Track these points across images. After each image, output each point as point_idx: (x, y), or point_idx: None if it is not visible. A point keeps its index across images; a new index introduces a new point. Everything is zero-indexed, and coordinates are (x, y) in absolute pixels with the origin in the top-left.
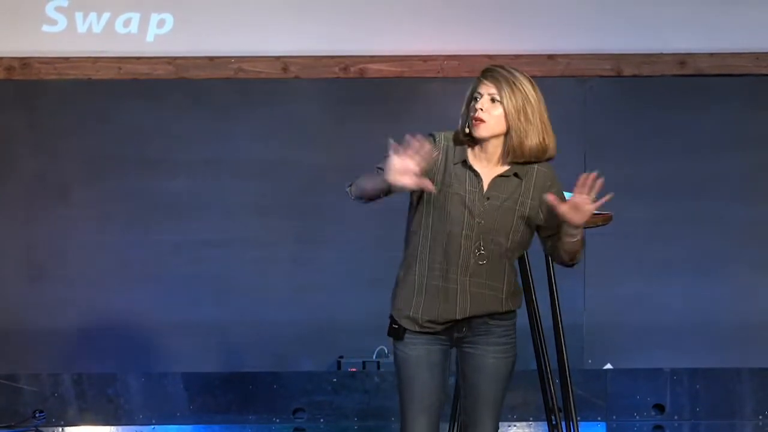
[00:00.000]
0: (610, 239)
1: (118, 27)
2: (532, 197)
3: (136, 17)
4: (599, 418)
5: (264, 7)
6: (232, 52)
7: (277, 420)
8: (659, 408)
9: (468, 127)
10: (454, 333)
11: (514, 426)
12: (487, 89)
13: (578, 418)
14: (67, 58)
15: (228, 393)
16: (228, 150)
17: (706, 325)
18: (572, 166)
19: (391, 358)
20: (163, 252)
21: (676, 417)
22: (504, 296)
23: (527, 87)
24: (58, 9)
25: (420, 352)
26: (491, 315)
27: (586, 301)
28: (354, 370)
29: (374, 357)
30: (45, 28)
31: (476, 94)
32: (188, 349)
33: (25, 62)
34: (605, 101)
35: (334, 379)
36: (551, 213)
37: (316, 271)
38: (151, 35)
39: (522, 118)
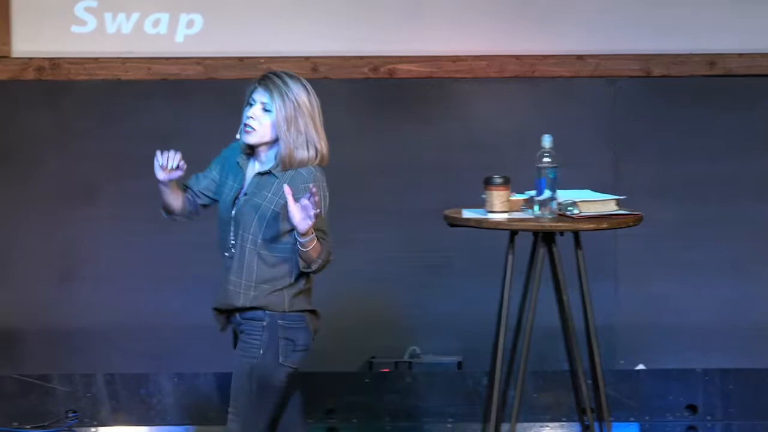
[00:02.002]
0: (640, 240)
1: (148, 27)
2: (282, 196)
3: (165, 18)
4: (632, 419)
5: (294, 8)
6: (261, 53)
7: (310, 420)
8: (692, 408)
9: (240, 132)
10: (235, 330)
11: (547, 427)
12: (260, 97)
13: (611, 419)
14: (96, 59)
15: None
16: None
17: (738, 326)
18: (601, 167)
19: (424, 358)
20: (192, 252)
21: (708, 417)
22: (242, 291)
23: (301, 97)
24: (88, 9)
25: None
26: (239, 312)
27: (617, 302)
28: (386, 370)
29: (406, 357)
30: (74, 28)
31: (251, 100)
32: (220, 349)
33: (54, 63)
34: (634, 102)
35: (367, 380)
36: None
37: (346, 272)
38: (181, 36)
39: (292, 129)
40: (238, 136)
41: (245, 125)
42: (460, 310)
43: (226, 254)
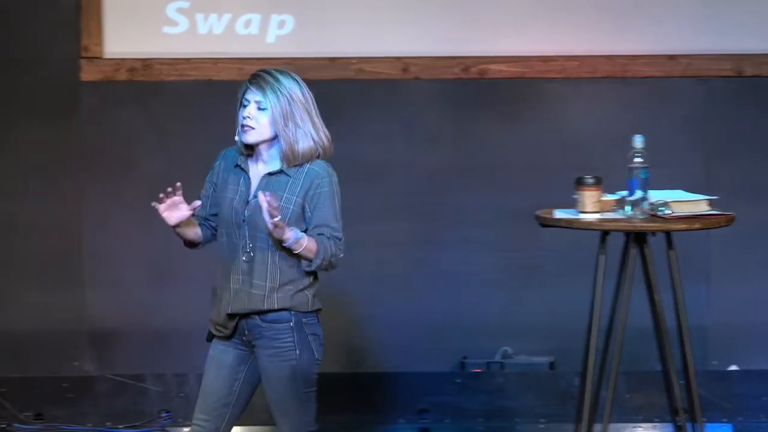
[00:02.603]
0: (733, 240)
1: (239, 28)
2: (298, 195)
3: (256, 18)
4: (724, 420)
5: (385, 8)
6: (352, 53)
7: (402, 420)
8: None
9: (238, 134)
10: (243, 336)
11: (639, 427)
12: (254, 96)
13: (703, 420)
14: (187, 59)
15: (352, 393)
16: (347, 151)
17: None
18: (693, 167)
19: (516, 358)
20: None
21: None
22: (266, 294)
23: (294, 91)
24: (179, 10)
25: (215, 352)
26: (260, 315)
27: (710, 302)
28: (478, 370)
29: (498, 358)
30: (166, 29)
31: (244, 101)
32: None
33: (146, 63)
34: (726, 102)
35: (458, 380)
36: (314, 211)
37: (437, 273)
38: (272, 36)
39: (290, 124)
40: (236, 138)
41: (242, 126)
42: (552, 311)
43: (244, 258)
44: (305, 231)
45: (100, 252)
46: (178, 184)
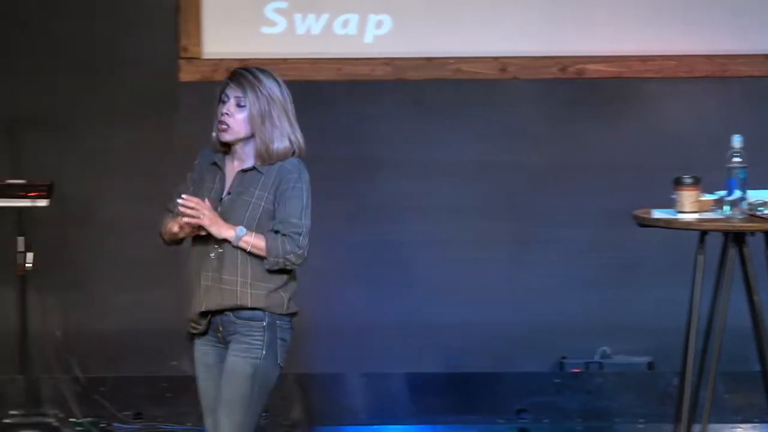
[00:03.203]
0: None
1: (337, 28)
2: (269, 191)
3: (354, 18)
4: None
5: (482, 8)
6: (450, 53)
7: (501, 420)
8: None
9: (215, 130)
10: (217, 333)
11: (739, 428)
12: (233, 93)
13: None
14: (285, 60)
15: (450, 393)
16: (445, 151)
17: None
18: None
19: (614, 358)
20: (379, 252)
21: None
22: (238, 289)
23: (273, 90)
24: (278, 11)
25: (199, 354)
26: (234, 312)
27: None
28: (577, 370)
29: (597, 358)
30: (264, 29)
31: (224, 97)
32: (409, 349)
33: (244, 63)
34: None
35: (557, 380)
36: (280, 206)
37: (533, 272)
38: (370, 36)
39: (267, 123)
40: (213, 134)
41: (219, 122)
42: (651, 311)
43: (212, 255)
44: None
45: None
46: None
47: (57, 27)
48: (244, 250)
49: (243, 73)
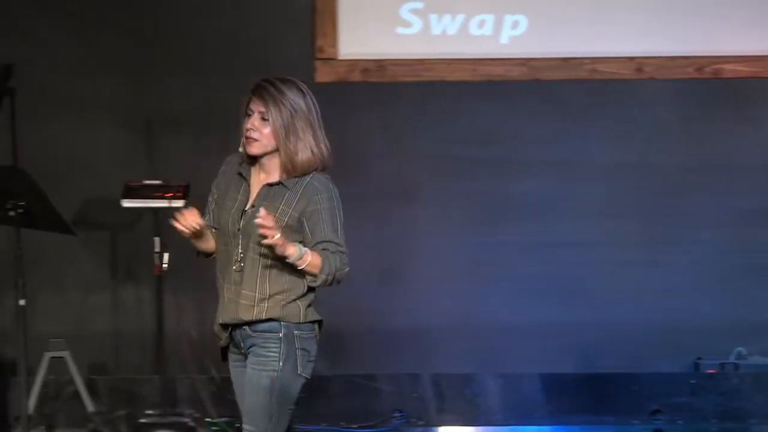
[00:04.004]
0: None
1: (473, 29)
2: (295, 209)
3: (490, 19)
4: None
5: (618, 8)
6: (585, 53)
7: (635, 421)
8: None
9: (242, 144)
10: (240, 348)
11: None
12: (257, 107)
13: None
14: (421, 60)
15: (584, 394)
16: (580, 151)
17: None
18: None
19: (750, 359)
20: (513, 253)
21: None
22: (255, 304)
23: (297, 103)
24: (413, 11)
25: (234, 372)
26: (250, 325)
27: None
28: (712, 371)
29: (732, 358)
30: (400, 30)
31: (248, 111)
32: (543, 349)
33: (380, 64)
34: None
35: (692, 381)
36: (313, 228)
37: (669, 273)
38: (506, 37)
39: (291, 137)
40: (240, 149)
41: (246, 138)
42: None
43: (234, 268)
44: (302, 244)
45: None
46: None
47: (197, 29)
48: (294, 267)
49: (265, 86)
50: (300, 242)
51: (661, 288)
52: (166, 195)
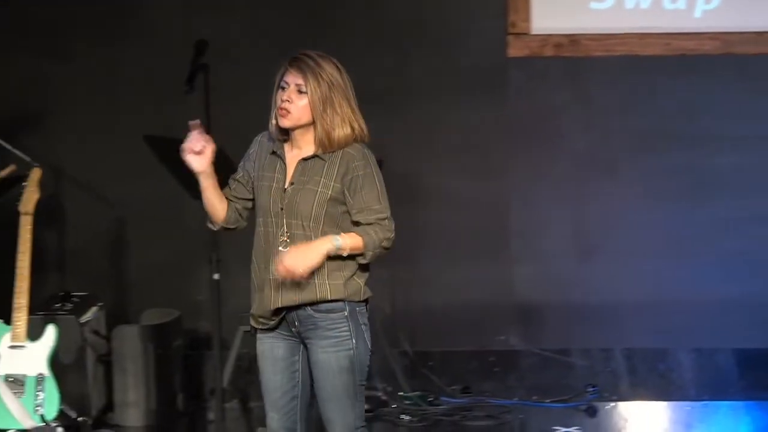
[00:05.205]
0: None
1: (666, 3)
2: (335, 179)
3: None
4: None
5: None
6: None
7: None
8: None
9: (275, 117)
10: (291, 327)
11: None
12: (294, 79)
13: None
14: (614, 35)
15: None
16: None
17: None
18: None
19: None
20: (711, 228)
21: None
22: (317, 282)
23: (334, 76)
24: None
25: (264, 347)
26: (312, 305)
27: None
28: None
29: None
30: (593, 5)
31: (283, 83)
32: (739, 325)
33: (573, 39)
34: None
35: None
36: (354, 195)
37: None
38: (699, 11)
39: (328, 110)
40: (273, 122)
41: (280, 109)
42: None
43: (281, 248)
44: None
45: (527, 226)
46: (197, 121)
47: (392, 5)
48: (341, 257)
49: (303, 59)
50: (346, 212)
51: None
52: None
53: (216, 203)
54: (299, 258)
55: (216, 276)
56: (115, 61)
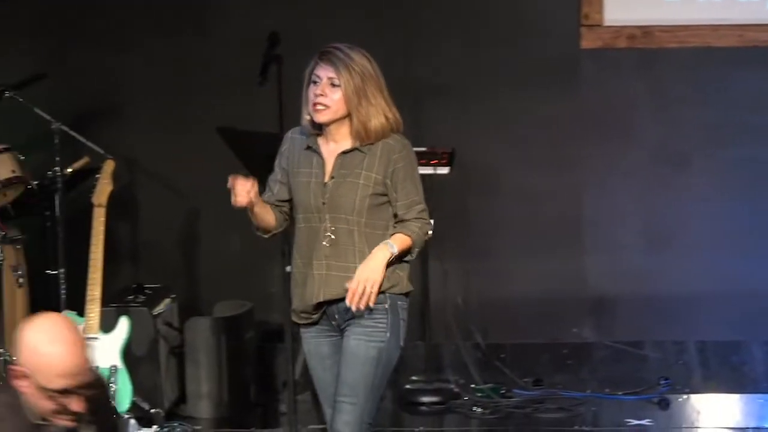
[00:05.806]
0: None
1: None
2: (377, 171)
3: None
4: None
5: None
6: None
7: None
8: None
9: (309, 113)
10: (332, 321)
11: None
12: (326, 72)
13: None
14: (686, 26)
15: None
16: None
17: None
18: None
19: None
20: None
21: None
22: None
23: (365, 67)
24: None
25: (310, 346)
26: None
27: None
28: None
29: None
30: None
31: (315, 78)
32: None
33: (646, 30)
34: None
35: None
36: (397, 187)
37: None
38: None
39: (363, 102)
40: (307, 117)
41: (315, 104)
42: None
43: (324, 242)
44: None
45: (599, 218)
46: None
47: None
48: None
49: (333, 51)
50: (386, 203)
51: None
52: (431, 162)
53: (266, 218)
54: (367, 273)
55: (288, 268)
56: (188, 53)
